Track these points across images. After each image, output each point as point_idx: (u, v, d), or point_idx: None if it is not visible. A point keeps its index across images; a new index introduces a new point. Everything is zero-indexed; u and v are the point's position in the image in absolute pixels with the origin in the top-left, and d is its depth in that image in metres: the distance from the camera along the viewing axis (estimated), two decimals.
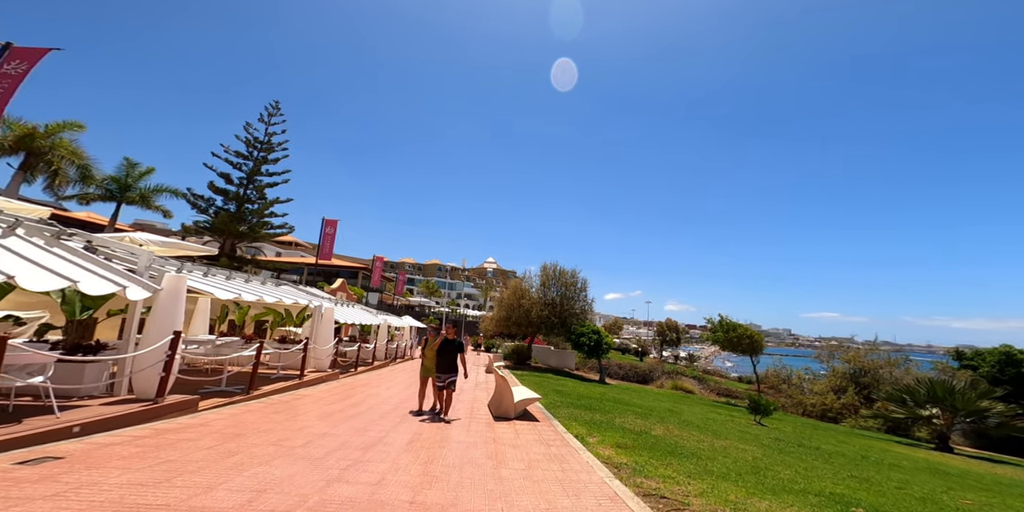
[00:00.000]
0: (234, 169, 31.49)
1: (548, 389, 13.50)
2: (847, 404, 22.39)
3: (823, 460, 8.77)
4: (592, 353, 23.26)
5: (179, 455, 4.13)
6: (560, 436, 6.53)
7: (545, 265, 26.00)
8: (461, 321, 54.09)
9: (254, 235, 32.04)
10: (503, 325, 25.80)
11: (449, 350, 7.19)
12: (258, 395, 7.60)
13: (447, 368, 7.11)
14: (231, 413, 6.21)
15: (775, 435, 11.54)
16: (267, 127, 32.69)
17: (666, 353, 53.88)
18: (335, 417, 6.73)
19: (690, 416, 12.70)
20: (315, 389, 9.48)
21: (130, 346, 5.49)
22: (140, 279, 5.33)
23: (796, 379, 26.59)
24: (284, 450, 4.66)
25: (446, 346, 7.19)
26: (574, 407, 10.13)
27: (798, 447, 10.01)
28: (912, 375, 22.04)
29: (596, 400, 12.38)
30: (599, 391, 16.00)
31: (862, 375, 23.43)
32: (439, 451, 5.15)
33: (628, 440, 6.91)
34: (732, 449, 8.04)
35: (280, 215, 32.17)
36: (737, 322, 23.39)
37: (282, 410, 6.86)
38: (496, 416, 7.76)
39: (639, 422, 9.37)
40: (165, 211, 29.67)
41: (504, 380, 7.80)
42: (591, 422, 8.30)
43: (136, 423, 5.04)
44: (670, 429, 9.07)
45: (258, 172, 32.21)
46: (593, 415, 9.26)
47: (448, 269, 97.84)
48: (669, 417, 11.20)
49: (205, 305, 10.87)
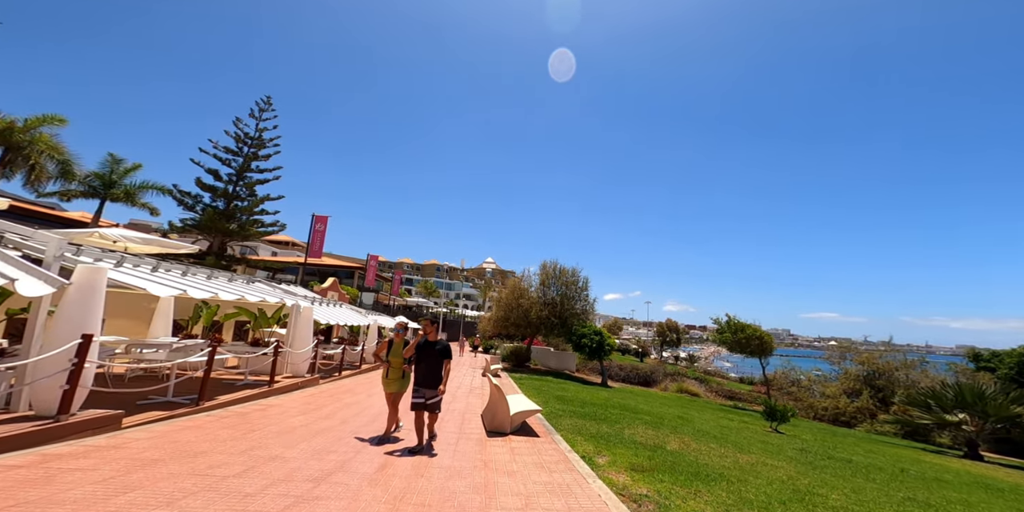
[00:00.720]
0: (223, 165, 30.40)
1: (549, 395, 12.44)
2: (861, 408, 21.33)
3: (863, 476, 7.72)
4: (594, 355, 22.22)
5: (48, 494, 3.08)
6: (564, 457, 5.46)
7: (545, 263, 24.97)
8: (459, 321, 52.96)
9: (244, 233, 30.94)
10: (501, 325, 24.73)
11: (430, 355, 5.28)
12: (211, 406, 6.53)
13: (429, 380, 5.19)
14: (164, 431, 5.14)
15: (798, 445, 10.49)
16: (258, 122, 31.59)
17: (666, 354, 53.15)
18: (296, 434, 5.66)
19: (703, 424, 11.66)
20: (286, 397, 8.41)
21: (32, 351, 4.43)
22: (41, 271, 4.27)
23: (806, 381, 25.54)
24: (207, 483, 3.60)
25: (426, 350, 5.31)
26: (578, 416, 9.07)
27: (828, 460, 8.96)
28: (930, 378, 20.99)
29: (601, 407, 11.33)
30: (603, 396, 14.94)
31: (876, 377, 22.38)
32: (414, 482, 4.09)
33: (643, 459, 5.86)
34: (761, 466, 6.99)
35: (271, 213, 31.08)
36: (746, 322, 22.34)
37: (234, 425, 5.80)
38: (490, 431, 6.69)
39: (651, 434, 8.32)
40: (152, 209, 28.69)
41: (498, 389, 6.69)
42: (598, 436, 7.25)
43: (26, 446, 3.99)
44: (686, 442, 8.03)
45: (248, 169, 31.12)
46: (599, 426, 8.21)
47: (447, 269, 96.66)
48: (682, 426, 10.15)
49: (168, 305, 9.80)
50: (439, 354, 5.32)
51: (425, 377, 5.23)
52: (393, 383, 5.57)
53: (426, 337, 5.40)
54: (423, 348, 5.35)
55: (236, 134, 30.76)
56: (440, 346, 5.37)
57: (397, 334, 5.77)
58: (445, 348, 5.39)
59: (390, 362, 5.59)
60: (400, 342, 5.70)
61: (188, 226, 29.82)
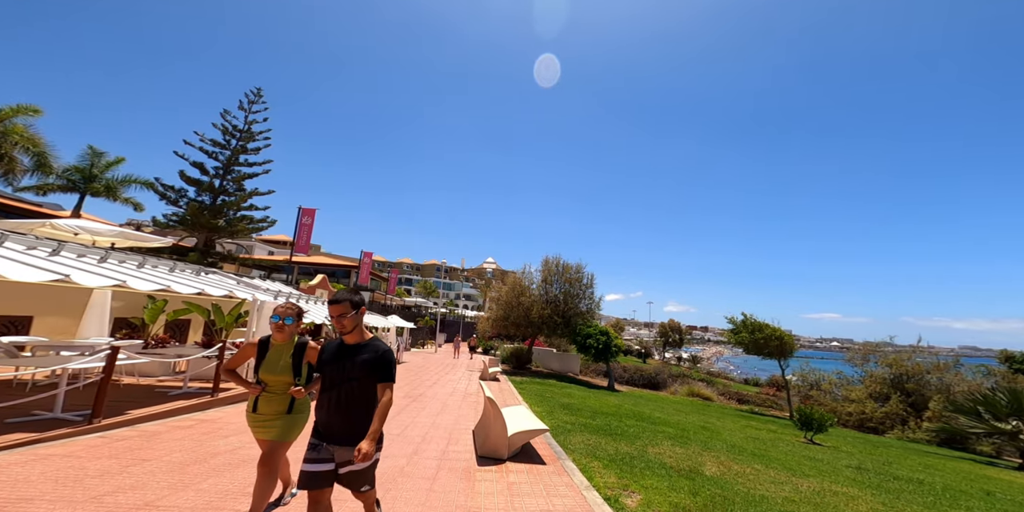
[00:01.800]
0: (209, 158, 29.02)
1: (554, 403, 10.88)
2: (890, 413, 19.68)
3: (950, 502, 6.17)
4: (600, 356, 20.62)
5: None
6: (581, 499, 3.90)
7: (547, 259, 23.36)
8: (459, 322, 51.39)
9: (232, 229, 29.56)
10: (501, 325, 23.12)
11: (347, 373, 2.49)
12: (113, 424, 4.97)
13: (344, 425, 2.44)
14: (6, 463, 3.59)
15: (849, 461, 8.90)
16: (247, 115, 30.20)
17: (668, 355, 51.88)
18: (207, 465, 4.10)
19: (731, 436, 10.09)
20: (231, 409, 6.83)
21: None
22: None
23: (827, 384, 23.87)
24: None
25: (340, 362, 2.52)
26: (590, 431, 7.50)
27: (895, 480, 7.37)
28: (967, 382, 19.33)
29: (613, 417, 9.77)
30: (613, 403, 13.36)
31: (906, 381, 20.71)
32: None
33: (685, 495, 4.31)
34: (830, 496, 5.43)
35: (261, 208, 29.70)
36: (764, 321, 20.71)
37: (125, 451, 4.24)
38: (482, 455, 5.13)
39: (680, 453, 6.76)
40: (136, 204, 27.41)
41: (492, 404, 5.03)
42: (618, 459, 5.69)
43: None
44: (726, 463, 6.46)
45: (236, 162, 29.74)
46: (618, 445, 6.64)
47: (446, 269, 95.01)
48: (711, 441, 8.58)
49: (103, 299, 8.27)
50: (366, 370, 2.46)
51: (334, 418, 2.43)
52: (267, 423, 2.83)
53: (341, 337, 2.60)
54: (335, 358, 2.53)
55: (223, 126, 29.37)
56: (369, 355, 2.50)
57: (279, 327, 2.92)
58: (380, 358, 2.49)
59: (263, 383, 2.86)
60: (285, 344, 2.96)
61: (172, 222, 28.46)
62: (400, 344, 20.76)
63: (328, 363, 2.53)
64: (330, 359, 2.53)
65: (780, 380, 29.91)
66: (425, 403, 9.32)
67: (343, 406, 2.42)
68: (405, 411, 8.19)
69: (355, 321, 2.53)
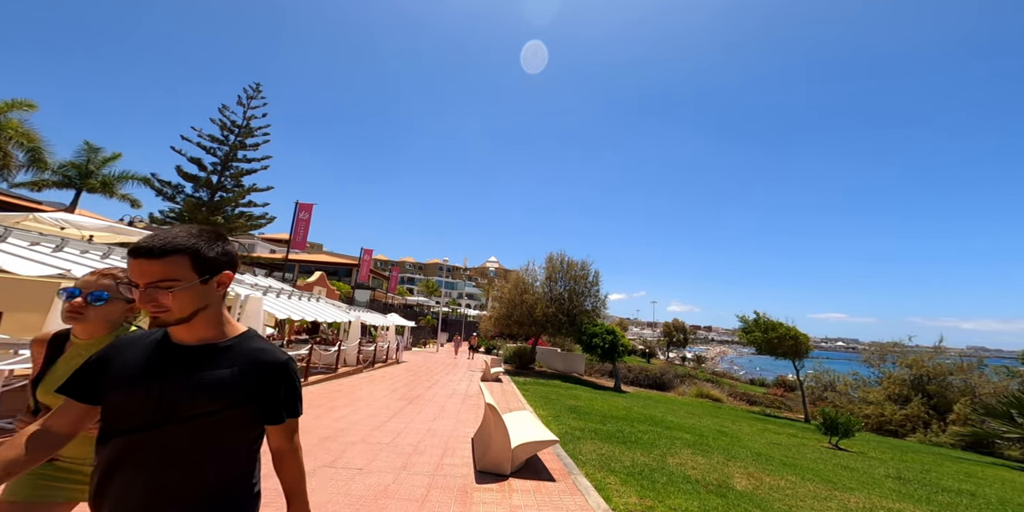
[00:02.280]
0: (207, 153, 28.55)
1: (560, 406, 10.17)
2: (911, 416, 18.83)
3: None
4: (607, 356, 19.91)
5: None
6: None
7: (551, 255, 22.66)
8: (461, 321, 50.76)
9: (230, 226, 29.05)
10: (503, 324, 22.43)
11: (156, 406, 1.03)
12: None
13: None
14: None
15: (885, 469, 8.12)
16: (246, 110, 29.72)
17: (672, 354, 51.36)
18: None
19: (751, 441, 9.35)
20: None
21: None
22: None
23: (842, 386, 23.02)
24: None
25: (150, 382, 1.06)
26: (602, 438, 6.79)
27: (943, 493, 6.61)
28: (993, 384, 18.45)
29: (625, 421, 9.05)
30: (622, 405, 12.64)
31: (927, 382, 19.83)
32: None
33: None
34: None
35: (260, 205, 29.18)
36: (777, 320, 19.90)
37: None
38: (482, 470, 4.42)
39: (703, 463, 6.04)
40: (133, 200, 26.97)
41: (493, 411, 4.29)
42: (636, 471, 4.98)
43: None
44: (756, 476, 5.74)
45: (234, 158, 29.23)
46: (634, 454, 5.92)
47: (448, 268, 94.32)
48: (732, 448, 7.84)
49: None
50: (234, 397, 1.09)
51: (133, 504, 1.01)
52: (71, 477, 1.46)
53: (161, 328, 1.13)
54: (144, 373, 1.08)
55: (221, 121, 28.88)
56: (242, 367, 1.11)
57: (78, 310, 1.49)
58: (273, 373, 1.14)
59: (42, 407, 1.48)
60: (94, 342, 1.53)
61: (169, 218, 27.97)
62: (400, 343, 20.11)
63: (123, 384, 1.08)
64: (129, 375, 1.08)
65: (788, 381, 29.10)
66: (422, 406, 8.64)
67: (165, 488, 1.02)
68: (399, 415, 7.50)
69: (197, 297, 1.08)
